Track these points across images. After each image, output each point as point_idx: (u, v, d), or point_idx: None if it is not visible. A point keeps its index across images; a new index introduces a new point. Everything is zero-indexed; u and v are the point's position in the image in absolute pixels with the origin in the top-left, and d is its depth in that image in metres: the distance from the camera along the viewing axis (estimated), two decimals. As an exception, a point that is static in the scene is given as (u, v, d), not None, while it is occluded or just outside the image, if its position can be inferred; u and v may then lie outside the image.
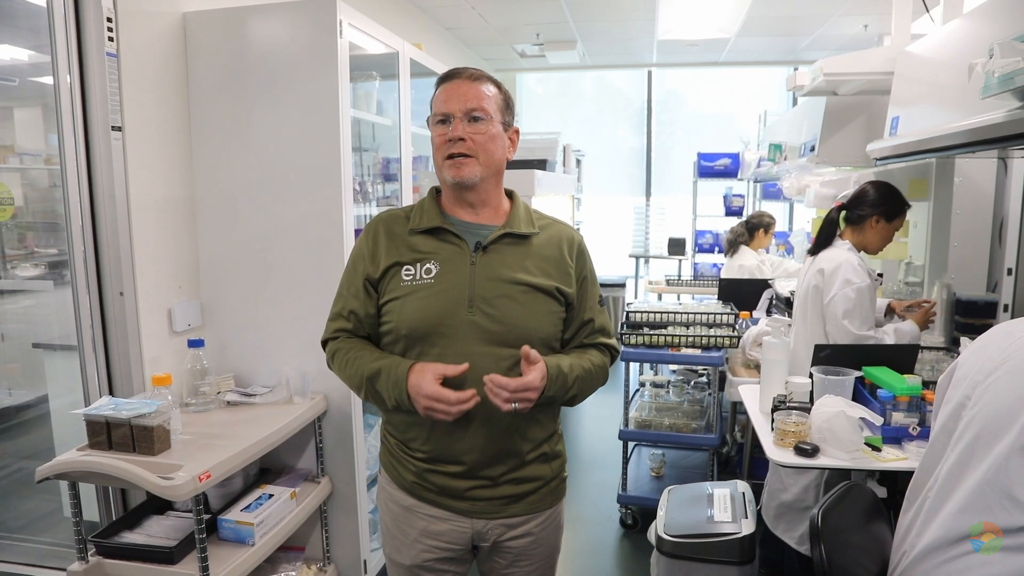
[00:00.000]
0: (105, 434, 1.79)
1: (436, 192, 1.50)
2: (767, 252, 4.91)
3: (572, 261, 1.47)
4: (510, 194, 1.53)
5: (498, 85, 1.44)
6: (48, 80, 1.99)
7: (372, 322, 1.45)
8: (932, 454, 1.22)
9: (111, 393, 2.12)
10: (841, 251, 2.39)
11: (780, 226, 5.33)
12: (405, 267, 1.40)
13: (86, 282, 2.05)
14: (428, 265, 1.39)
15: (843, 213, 2.46)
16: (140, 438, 1.78)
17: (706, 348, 3.15)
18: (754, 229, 4.65)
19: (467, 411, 1.33)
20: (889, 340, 2.35)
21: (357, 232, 2.28)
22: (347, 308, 1.45)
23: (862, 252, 2.45)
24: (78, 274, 2.05)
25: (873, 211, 2.40)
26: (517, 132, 1.48)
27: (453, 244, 1.41)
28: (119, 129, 2.02)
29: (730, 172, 6.08)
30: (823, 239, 2.49)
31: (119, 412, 1.77)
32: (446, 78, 1.42)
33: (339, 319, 1.47)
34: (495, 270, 1.39)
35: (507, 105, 1.44)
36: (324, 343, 1.51)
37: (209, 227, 2.35)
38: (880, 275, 3.27)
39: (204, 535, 1.74)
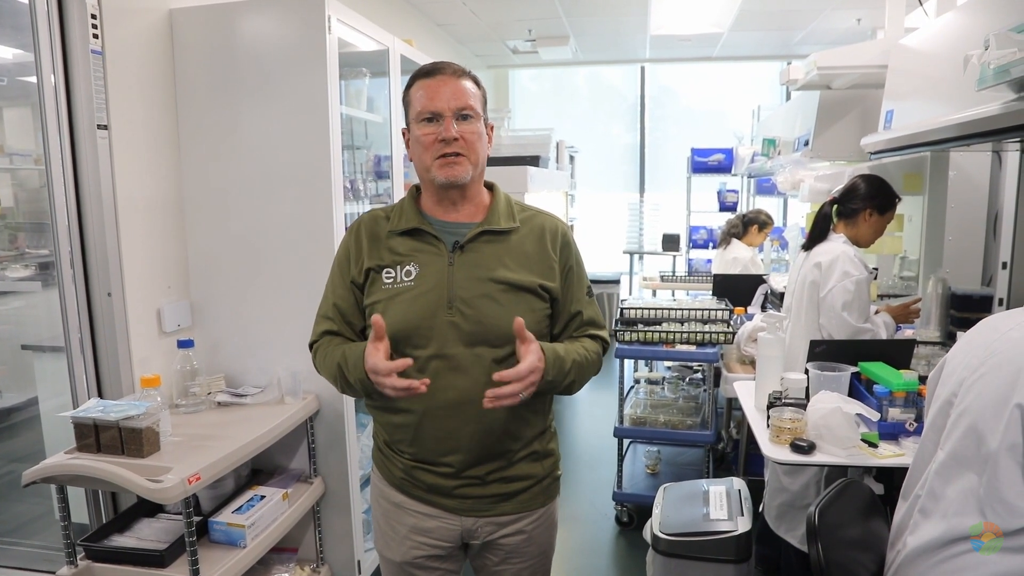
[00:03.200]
0: (93, 436, 1.77)
1: (416, 191, 1.47)
2: (760, 251, 4.90)
3: (556, 254, 1.43)
4: (491, 187, 1.49)
5: (476, 81, 1.42)
6: (35, 79, 1.96)
7: (358, 321, 1.44)
8: (923, 451, 1.21)
9: (100, 395, 2.09)
10: (837, 244, 2.39)
11: (775, 221, 5.32)
12: (386, 270, 1.39)
13: (73, 283, 2.02)
14: (408, 267, 1.38)
15: (835, 207, 2.46)
16: (129, 440, 1.76)
17: (701, 344, 3.14)
18: (749, 224, 4.65)
19: (455, 416, 1.33)
20: (883, 333, 2.34)
21: (348, 230, 2.27)
22: (332, 307, 1.45)
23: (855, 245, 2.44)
24: (65, 275, 2.02)
25: (866, 204, 2.40)
26: (491, 127, 1.46)
27: (431, 245, 1.39)
28: (105, 128, 1.99)
29: (724, 167, 6.08)
30: (817, 233, 2.49)
31: (107, 414, 1.75)
32: (426, 74, 1.37)
33: (325, 321, 1.46)
34: (473, 270, 1.36)
35: (485, 101, 1.43)
36: (311, 346, 1.49)
37: (198, 226, 2.32)
38: (875, 269, 3.27)
39: (195, 538, 1.72)
